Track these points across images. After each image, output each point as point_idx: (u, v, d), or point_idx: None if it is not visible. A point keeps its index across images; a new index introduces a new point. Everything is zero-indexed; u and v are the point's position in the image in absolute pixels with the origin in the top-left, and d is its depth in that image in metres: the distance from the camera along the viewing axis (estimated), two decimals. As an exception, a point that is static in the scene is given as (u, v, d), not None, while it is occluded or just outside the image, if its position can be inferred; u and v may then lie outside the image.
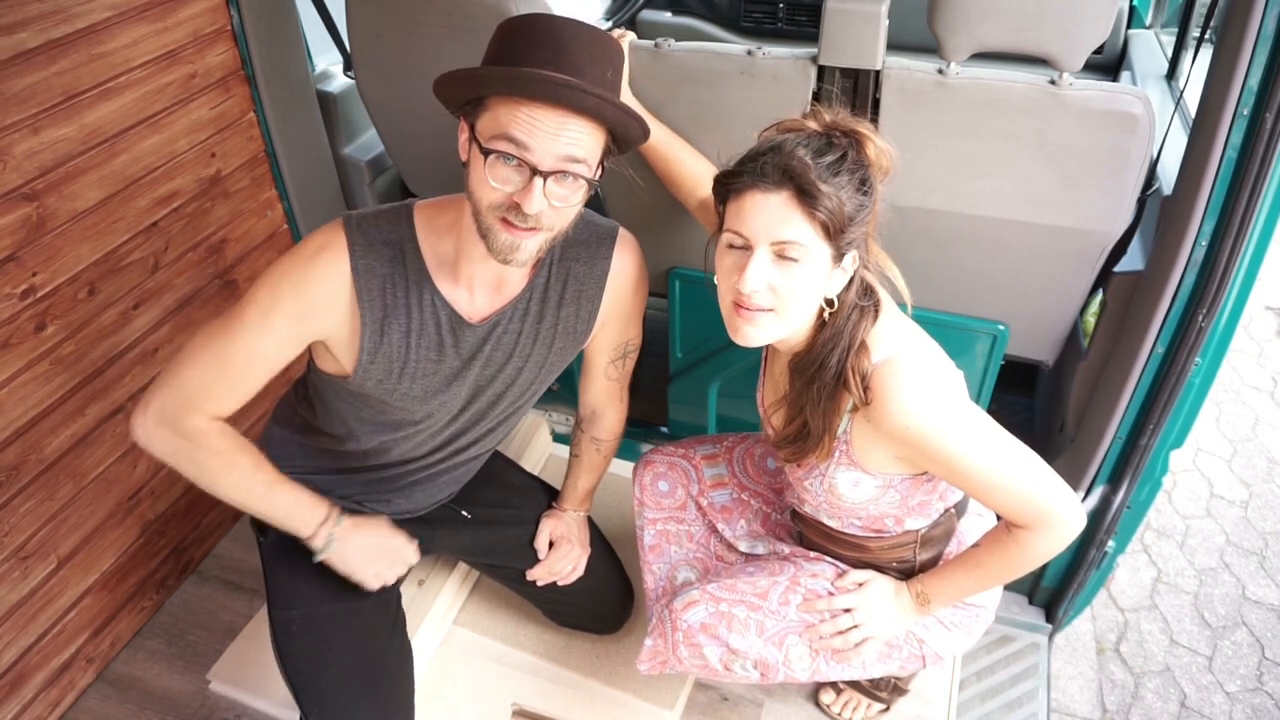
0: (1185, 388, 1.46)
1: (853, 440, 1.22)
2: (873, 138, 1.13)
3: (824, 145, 1.11)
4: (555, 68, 1.05)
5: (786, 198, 1.08)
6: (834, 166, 1.09)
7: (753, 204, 1.10)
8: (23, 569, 1.67)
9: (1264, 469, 2.72)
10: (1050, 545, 1.20)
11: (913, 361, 1.15)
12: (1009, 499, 1.17)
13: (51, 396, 1.66)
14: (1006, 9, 1.31)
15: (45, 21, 1.49)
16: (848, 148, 1.12)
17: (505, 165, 1.08)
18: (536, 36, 1.07)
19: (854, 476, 1.25)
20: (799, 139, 1.11)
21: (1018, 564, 1.23)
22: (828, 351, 1.16)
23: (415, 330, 1.27)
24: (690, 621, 1.35)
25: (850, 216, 1.09)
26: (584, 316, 1.39)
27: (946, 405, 1.15)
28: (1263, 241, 1.32)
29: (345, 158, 2.23)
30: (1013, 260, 1.59)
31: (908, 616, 1.36)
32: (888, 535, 1.35)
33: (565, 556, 1.68)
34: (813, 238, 1.09)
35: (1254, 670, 2.15)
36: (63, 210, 1.60)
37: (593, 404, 1.62)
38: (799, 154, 1.08)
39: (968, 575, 1.30)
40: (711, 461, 1.60)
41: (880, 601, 1.36)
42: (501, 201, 1.10)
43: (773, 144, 1.12)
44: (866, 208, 1.12)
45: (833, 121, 1.14)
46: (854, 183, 1.10)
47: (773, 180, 1.08)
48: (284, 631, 1.45)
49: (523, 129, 1.06)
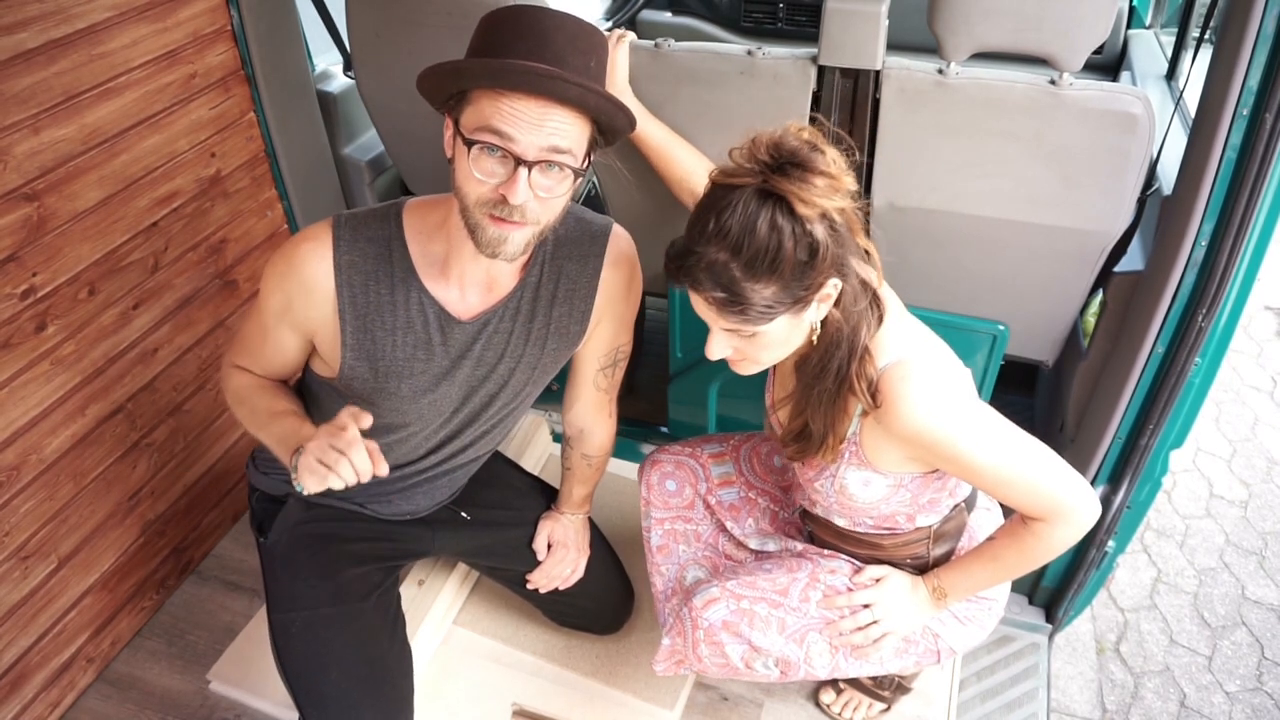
0: (1185, 388, 1.46)
1: (863, 442, 1.22)
2: (800, 192, 1.02)
3: (749, 223, 1.03)
4: (538, 58, 1.04)
5: (721, 299, 1.06)
6: (763, 255, 1.02)
7: (694, 300, 1.11)
8: (23, 569, 1.67)
9: (1264, 469, 2.72)
10: (1067, 535, 1.21)
11: (921, 364, 1.15)
12: (1024, 493, 1.18)
13: (51, 396, 1.66)
14: (1006, 9, 1.31)
15: (45, 21, 1.49)
16: (777, 212, 1.03)
17: (489, 157, 1.08)
18: (519, 28, 1.07)
19: (865, 476, 1.25)
20: (727, 222, 1.04)
21: (1035, 555, 1.24)
22: (828, 356, 1.16)
23: (402, 328, 1.27)
24: (712, 620, 1.35)
25: (793, 291, 1.06)
26: (577, 317, 1.38)
27: (956, 406, 1.16)
28: (1262, 241, 1.32)
29: (345, 158, 2.23)
30: (1013, 260, 1.59)
31: (925, 611, 1.37)
32: (900, 533, 1.36)
33: (563, 561, 1.68)
34: (759, 321, 1.08)
35: (1254, 670, 2.15)
36: (63, 210, 1.60)
37: (580, 421, 1.59)
38: (719, 261, 1.04)
39: (984, 568, 1.30)
40: (718, 460, 1.59)
41: (898, 596, 1.36)
42: (488, 197, 1.09)
43: (693, 247, 1.06)
44: (815, 259, 1.04)
45: (770, 164, 1.05)
46: (794, 253, 1.03)
47: (701, 285, 1.07)
48: (283, 634, 1.45)
49: (505, 120, 1.05)
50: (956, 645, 1.40)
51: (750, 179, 1.05)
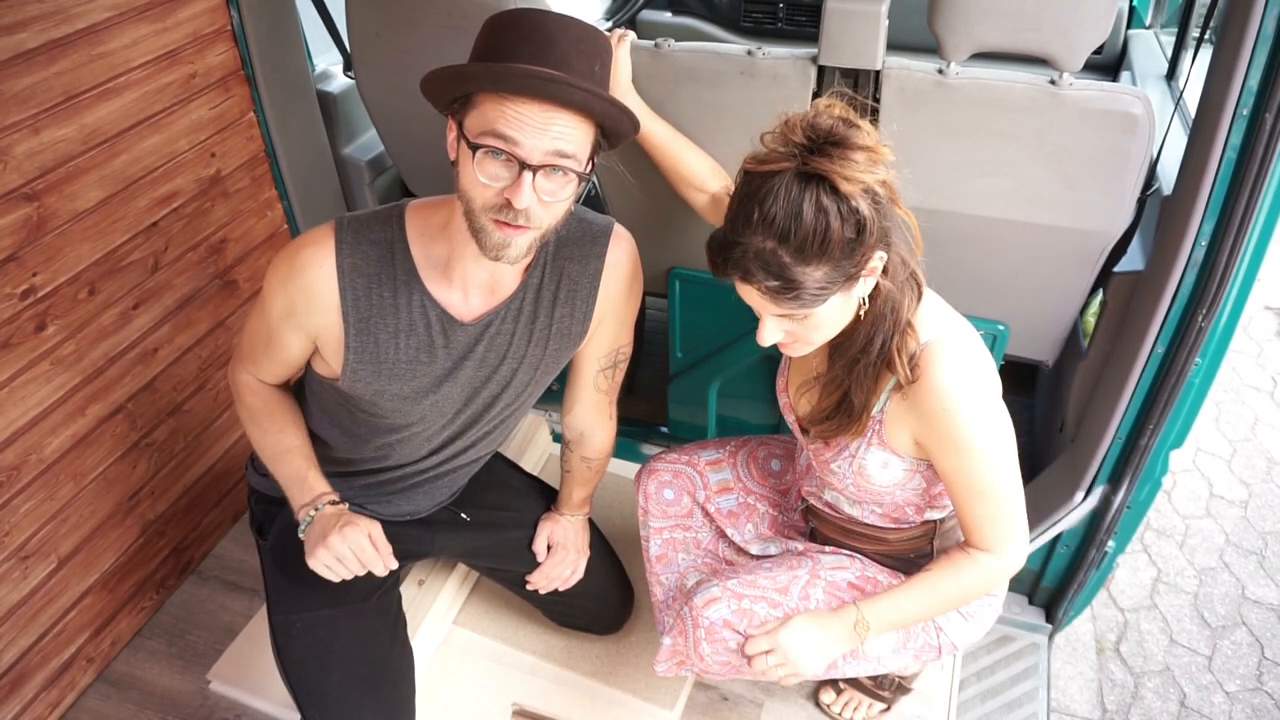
0: (1185, 388, 1.46)
1: (886, 420, 1.22)
2: (842, 170, 1.02)
3: (794, 208, 1.02)
4: (542, 62, 1.04)
5: (774, 287, 1.06)
6: (812, 239, 1.02)
7: (743, 290, 1.11)
8: (23, 569, 1.67)
9: (1264, 469, 2.72)
10: (1000, 573, 1.25)
11: (961, 344, 1.17)
12: (987, 512, 1.20)
13: (51, 396, 1.66)
14: (1006, 9, 1.31)
15: (45, 22, 1.49)
16: (821, 193, 1.03)
17: (494, 161, 1.08)
18: (523, 31, 1.07)
19: (884, 458, 1.25)
20: (771, 211, 1.04)
21: (968, 590, 1.27)
22: (873, 333, 1.16)
23: (404, 330, 1.27)
24: (712, 618, 1.34)
25: (844, 268, 1.06)
26: (579, 317, 1.38)
27: (984, 393, 1.17)
28: (1263, 241, 1.32)
29: (345, 158, 2.23)
30: (1013, 260, 1.59)
31: (841, 645, 1.32)
32: (906, 526, 1.36)
33: (562, 562, 1.68)
34: (813, 300, 1.08)
35: (1254, 670, 2.15)
36: (63, 210, 1.60)
37: (580, 424, 1.59)
38: (767, 249, 1.04)
39: (915, 600, 1.29)
40: (716, 466, 1.59)
41: (802, 638, 1.30)
42: (493, 201, 1.10)
43: (741, 233, 1.06)
44: (862, 234, 1.05)
45: (806, 145, 1.05)
46: (842, 231, 1.03)
47: (752, 275, 1.07)
48: (284, 635, 1.45)
49: (510, 124, 1.05)
50: (958, 640, 1.40)
51: (787, 163, 1.04)
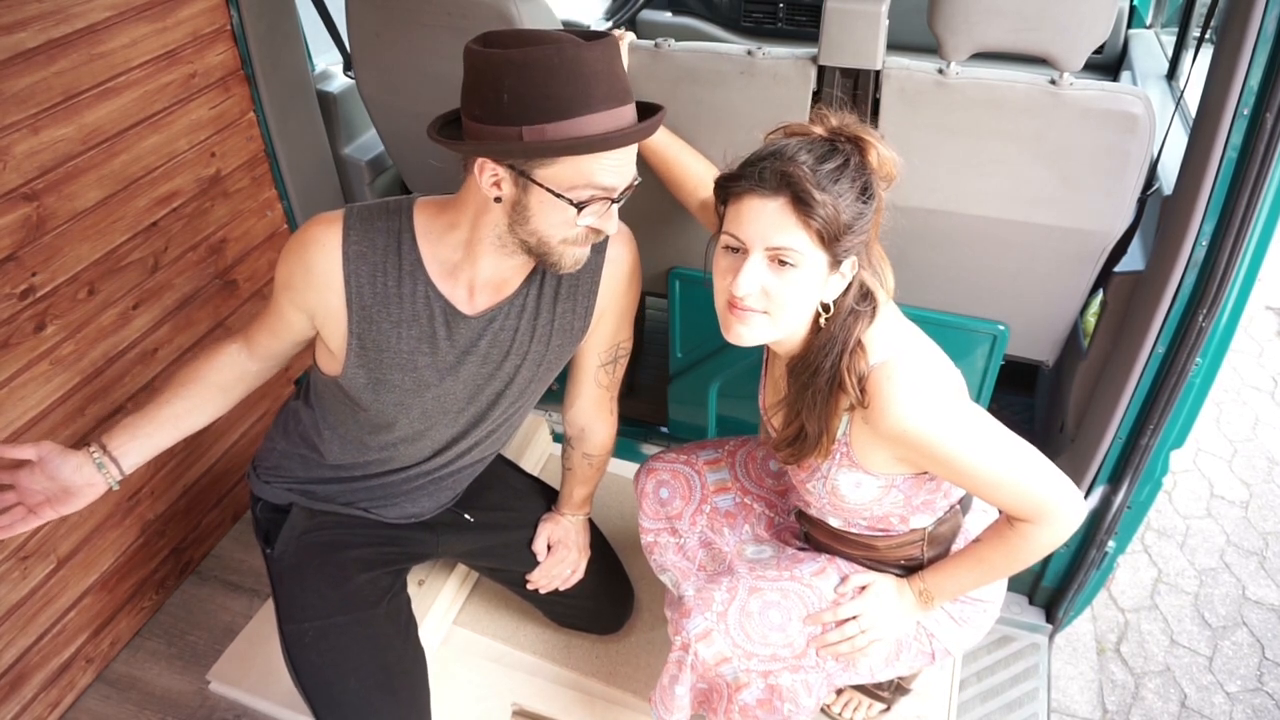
0: (1185, 388, 1.46)
1: (852, 441, 1.21)
2: (876, 144, 1.13)
3: (827, 151, 1.10)
4: (617, 100, 1.10)
5: (783, 204, 1.08)
6: (834, 174, 1.08)
7: (750, 209, 1.10)
8: (23, 569, 1.67)
9: (1264, 469, 2.72)
10: (1053, 537, 1.20)
11: (910, 363, 1.15)
12: (1010, 494, 1.17)
13: (51, 396, 1.66)
14: (1006, 9, 1.31)
15: (45, 21, 1.49)
16: (850, 154, 1.11)
17: (599, 205, 1.16)
18: (580, 74, 1.06)
19: (856, 478, 1.25)
20: (801, 144, 1.11)
21: (1021, 557, 1.24)
22: (822, 356, 1.16)
23: (407, 320, 1.28)
24: (706, 658, 1.34)
25: (848, 224, 1.09)
26: (580, 312, 1.39)
27: (944, 406, 1.15)
28: (1263, 241, 1.32)
29: (345, 158, 2.23)
30: (1013, 260, 1.59)
31: (912, 614, 1.36)
32: (894, 534, 1.35)
33: (562, 561, 1.68)
34: (807, 244, 1.09)
35: (1254, 670, 2.15)
36: (62, 210, 1.60)
37: (581, 419, 1.59)
38: (799, 160, 1.08)
39: (970, 570, 1.30)
40: (714, 466, 1.59)
41: (884, 603, 1.35)
42: (583, 235, 1.19)
43: (774, 149, 1.12)
44: (866, 215, 1.12)
45: (838, 126, 1.14)
46: (854, 190, 1.10)
47: (770, 186, 1.08)
48: (297, 644, 1.44)
49: (609, 174, 1.13)
50: (951, 646, 1.40)
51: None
